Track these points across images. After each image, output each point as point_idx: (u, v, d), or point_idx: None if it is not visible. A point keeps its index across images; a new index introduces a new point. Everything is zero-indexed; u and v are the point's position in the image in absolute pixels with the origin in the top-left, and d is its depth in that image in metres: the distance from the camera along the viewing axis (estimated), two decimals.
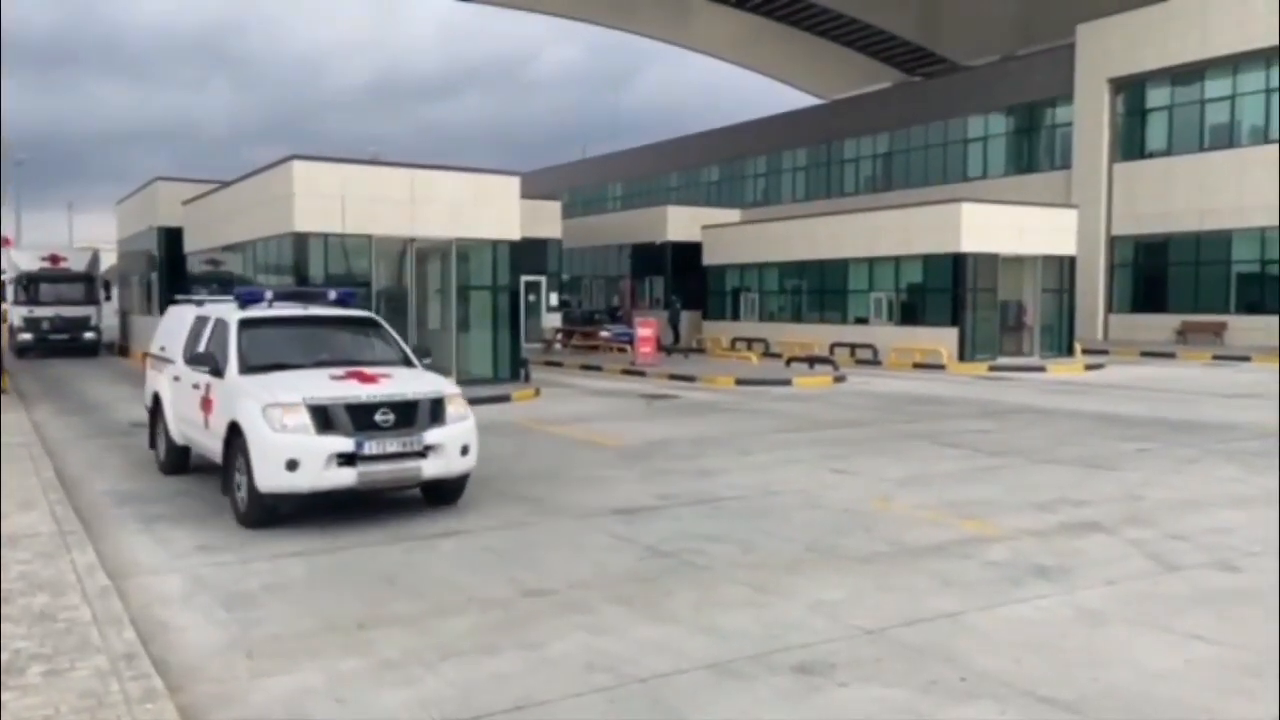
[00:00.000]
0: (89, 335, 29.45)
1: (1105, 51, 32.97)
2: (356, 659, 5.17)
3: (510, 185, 19.11)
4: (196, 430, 9.29)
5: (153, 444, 10.78)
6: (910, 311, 26.02)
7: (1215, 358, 25.82)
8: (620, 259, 39.08)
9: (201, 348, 9.24)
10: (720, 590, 6.30)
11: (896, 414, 15.47)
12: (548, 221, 32.63)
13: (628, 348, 29.66)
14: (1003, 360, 24.31)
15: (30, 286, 29.32)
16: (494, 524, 8.18)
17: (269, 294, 9.62)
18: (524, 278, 24.19)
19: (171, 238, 25.27)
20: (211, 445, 8.75)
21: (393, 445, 7.86)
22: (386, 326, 9.86)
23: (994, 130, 38.56)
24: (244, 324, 8.99)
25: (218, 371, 8.61)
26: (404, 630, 5.58)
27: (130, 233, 30.86)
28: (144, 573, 6.76)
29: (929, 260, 25.14)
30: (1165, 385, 19.47)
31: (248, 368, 8.49)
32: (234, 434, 8.01)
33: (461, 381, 18.67)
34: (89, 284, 30.28)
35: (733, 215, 36.49)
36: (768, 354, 28.00)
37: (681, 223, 34.76)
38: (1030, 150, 37.32)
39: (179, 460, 10.20)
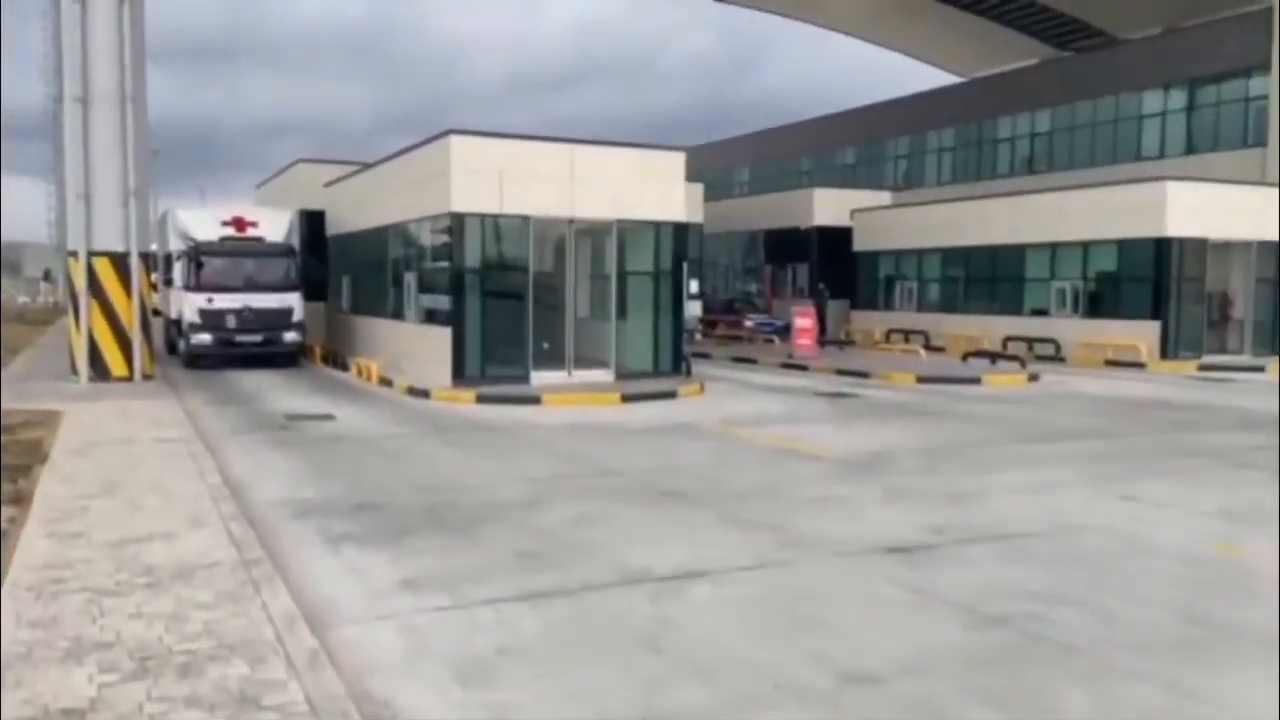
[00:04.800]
0: (290, 336, 19.89)
1: None
2: None
3: (676, 161, 17.67)
4: None
5: None
6: (1100, 302, 23.47)
7: None
8: (756, 245, 37.22)
9: None
10: (1115, 687, 4.62)
11: (1137, 422, 13.41)
12: (689, 205, 31.03)
13: (774, 339, 28.00)
14: (1210, 359, 21.67)
15: (207, 264, 19.63)
16: (744, 561, 6.66)
17: None
18: None
19: (314, 220, 24.57)
20: None
21: None
22: None
23: (1173, 105, 35.17)
24: None
25: None
26: None
27: None
28: (346, 622, 5.44)
29: (1125, 246, 22.58)
30: None
31: None
32: None
33: (621, 375, 17.52)
34: (289, 261, 20.57)
35: (883, 198, 34.21)
36: (929, 347, 25.86)
37: (828, 206, 32.68)
38: (1216, 127, 33.88)
39: None
